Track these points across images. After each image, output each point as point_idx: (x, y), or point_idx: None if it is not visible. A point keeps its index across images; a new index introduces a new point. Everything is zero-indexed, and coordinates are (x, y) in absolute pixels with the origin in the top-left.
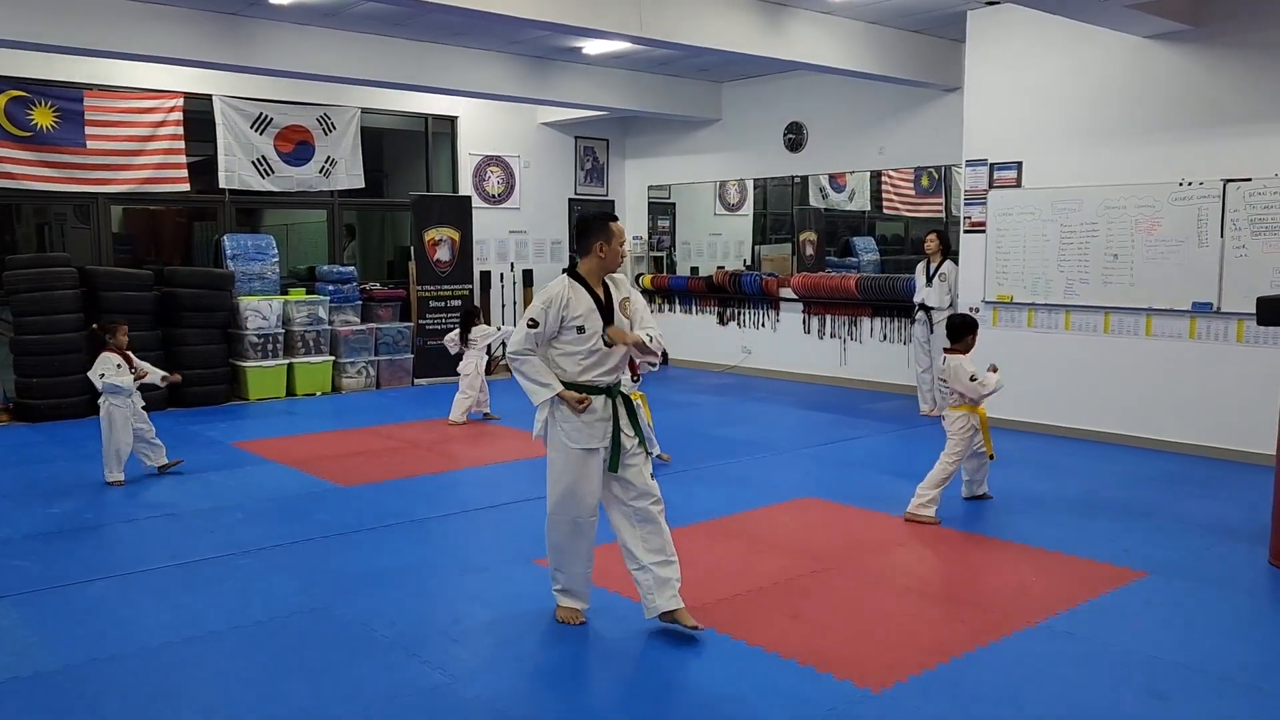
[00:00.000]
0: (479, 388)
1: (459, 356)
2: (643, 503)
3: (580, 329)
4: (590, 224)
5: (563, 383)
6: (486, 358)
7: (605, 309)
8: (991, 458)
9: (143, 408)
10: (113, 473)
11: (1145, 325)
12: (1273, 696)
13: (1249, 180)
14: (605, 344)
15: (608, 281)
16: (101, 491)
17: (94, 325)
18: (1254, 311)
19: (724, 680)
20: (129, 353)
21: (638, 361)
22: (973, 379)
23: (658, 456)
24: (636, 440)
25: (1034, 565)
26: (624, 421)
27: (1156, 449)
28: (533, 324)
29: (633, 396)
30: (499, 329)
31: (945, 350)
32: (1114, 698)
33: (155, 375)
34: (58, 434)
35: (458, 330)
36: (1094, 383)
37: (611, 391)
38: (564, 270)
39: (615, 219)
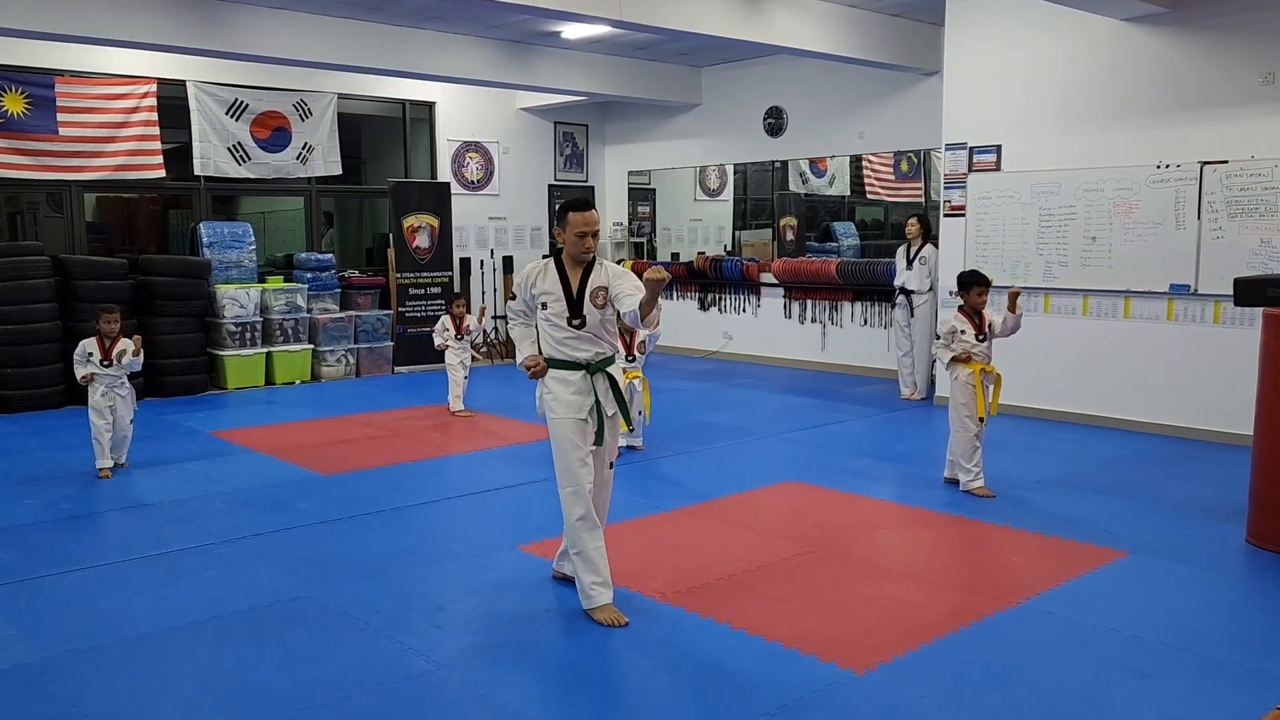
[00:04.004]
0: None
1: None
2: (608, 473)
3: (544, 305)
4: (557, 211)
5: (547, 357)
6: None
7: (576, 293)
8: (981, 420)
9: (129, 420)
10: (97, 460)
11: (1123, 307)
12: (1252, 672)
13: (1225, 162)
14: (573, 325)
15: (594, 267)
16: (78, 482)
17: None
18: (1231, 293)
19: (708, 664)
20: (120, 339)
21: (640, 338)
22: (938, 335)
23: (629, 446)
24: (613, 413)
25: (1015, 546)
26: (604, 397)
27: (1135, 430)
28: (512, 296)
29: (629, 376)
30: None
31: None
32: (1096, 676)
33: (129, 353)
34: (33, 425)
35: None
36: (1073, 365)
37: (591, 367)
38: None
39: (580, 207)
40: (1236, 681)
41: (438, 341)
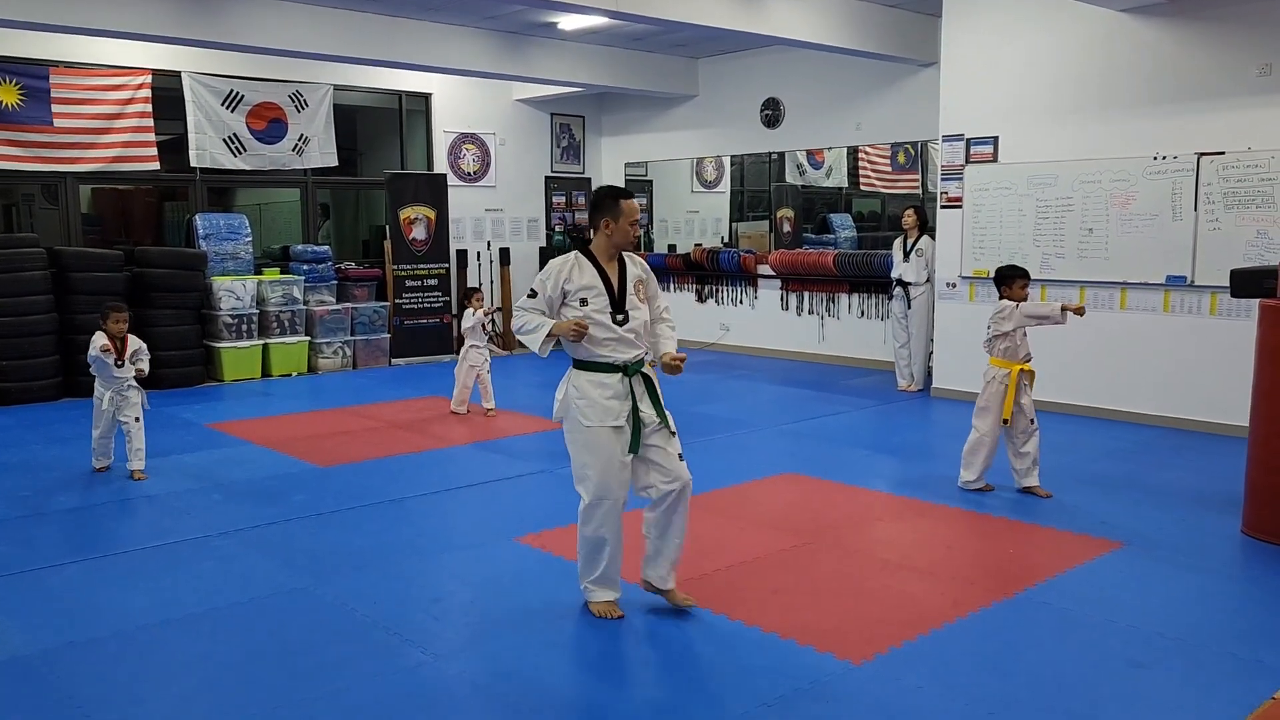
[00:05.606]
0: (464, 377)
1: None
2: (668, 486)
3: (583, 301)
4: (599, 200)
5: (576, 359)
6: (484, 345)
7: (617, 288)
8: (1004, 422)
9: (134, 418)
10: (94, 459)
11: (1120, 299)
12: (1247, 662)
13: (1222, 154)
14: (617, 322)
15: (625, 259)
16: (75, 474)
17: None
18: (1227, 284)
19: (706, 655)
20: (127, 337)
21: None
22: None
23: None
24: (658, 419)
25: (1013, 537)
26: (642, 401)
27: (1131, 421)
28: (531, 293)
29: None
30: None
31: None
32: (1093, 666)
33: (144, 356)
34: (29, 417)
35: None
36: (1069, 356)
37: (629, 369)
38: (578, 245)
39: (628, 195)
40: (1231, 672)
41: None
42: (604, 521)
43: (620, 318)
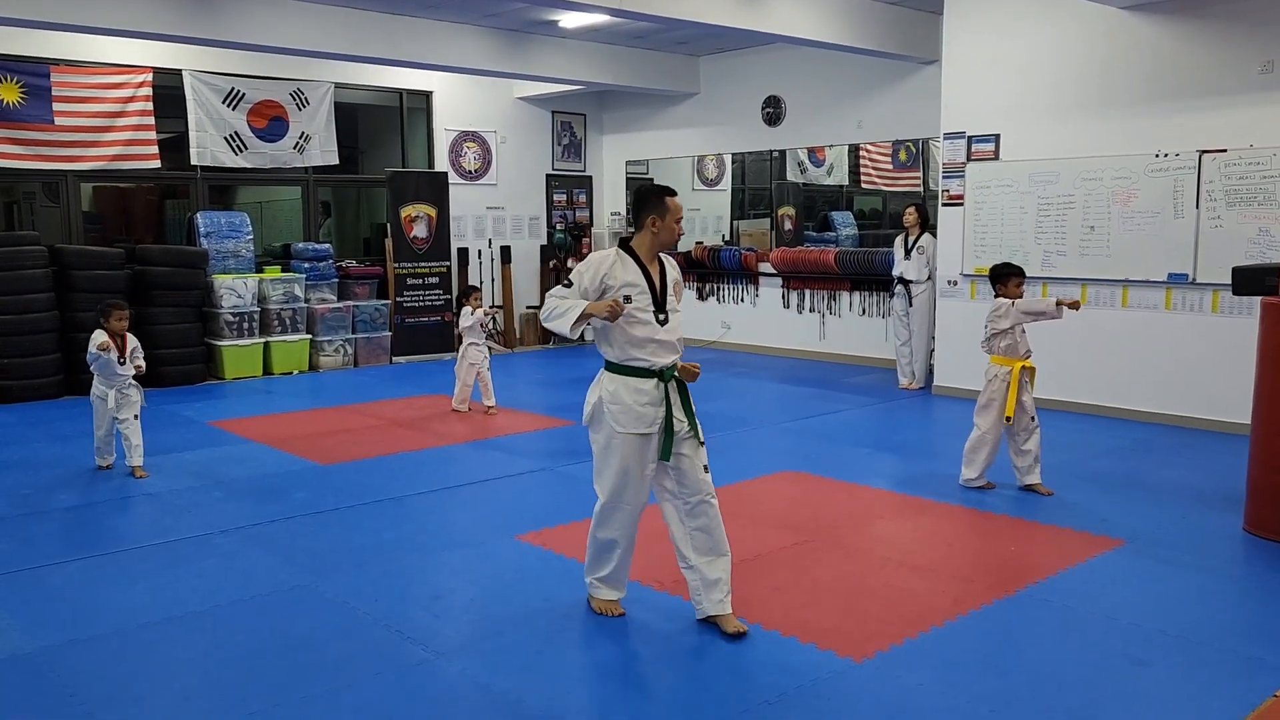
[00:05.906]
0: (465, 375)
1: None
2: (694, 499)
3: (626, 298)
4: (644, 197)
5: (611, 363)
6: (483, 343)
7: (658, 288)
8: (1007, 420)
9: (133, 415)
10: (97, 457)
11: (1121, 297)
12: (1248, 659)
13: (1224, 151)
14: (659, 321)
15: (663, 260)
16: (76, 472)
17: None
18: (1229, 282)
19: (707, 653)
20: (126, 336)
21: None
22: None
23: None
24: (687, 427)
25: (1014, 535)
26: (676, 407)
27: (1133, 419)
28: (568, 284)
29: None
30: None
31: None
32: (1094, 664)
33: (139, 352)
34: (31, 415)
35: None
36: (1070, 354)
37: (664, 375)
38: (619, 242)
39: (673, 193)
40: (1233, 669)
41: (465, 324)
42: (619, 525)
43: (662, 317)
